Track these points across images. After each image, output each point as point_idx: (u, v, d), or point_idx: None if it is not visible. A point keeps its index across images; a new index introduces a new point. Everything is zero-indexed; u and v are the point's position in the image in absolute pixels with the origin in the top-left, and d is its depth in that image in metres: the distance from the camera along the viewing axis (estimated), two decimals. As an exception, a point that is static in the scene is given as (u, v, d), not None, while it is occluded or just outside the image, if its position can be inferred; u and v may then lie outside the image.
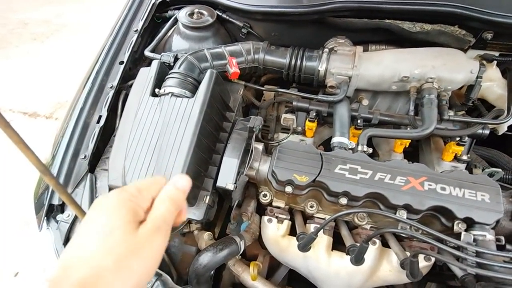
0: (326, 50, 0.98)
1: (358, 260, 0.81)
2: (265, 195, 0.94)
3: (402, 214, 0.75)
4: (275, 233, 0.94)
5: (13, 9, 4.01)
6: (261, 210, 1.04)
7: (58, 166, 0.91)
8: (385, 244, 0.89)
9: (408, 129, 0.90)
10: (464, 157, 0.91)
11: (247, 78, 1.22)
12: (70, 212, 0.88)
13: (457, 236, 0.71)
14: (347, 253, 0.85)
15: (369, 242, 0.82)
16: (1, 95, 3.05)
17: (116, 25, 1.15)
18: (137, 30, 1.13)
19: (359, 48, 0.97)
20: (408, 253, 0.82)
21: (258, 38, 1.18)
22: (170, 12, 1.22)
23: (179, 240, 1.15)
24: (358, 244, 0.85)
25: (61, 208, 0.90)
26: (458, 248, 0.67)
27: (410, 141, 0.94)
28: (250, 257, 1.12)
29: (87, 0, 4.00)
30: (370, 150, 0.85)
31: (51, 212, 0.89)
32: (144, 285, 0.38)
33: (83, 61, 1.12)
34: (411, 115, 0.88)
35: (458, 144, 0.88)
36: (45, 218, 0.88)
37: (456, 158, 0.92)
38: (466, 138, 0.86)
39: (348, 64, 0.95)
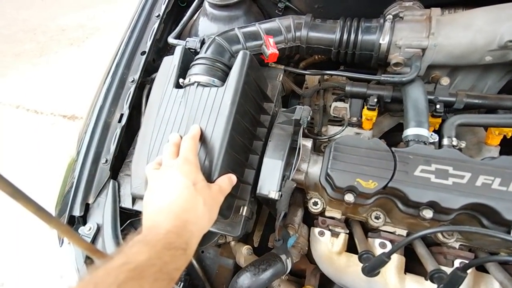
0: (390, 17, 0.76)
1: (449, 292, 0.60)
2: (315, 203, 0.76)
3: (522, 235, 0.52)
4: (328, 249, 0.76)
5: (51, 16, 4.19)
6: (308, 218, 0.86)
7: (78, 173, 0.81)
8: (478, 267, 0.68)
9: (514, 113, 0.66)
10: None
11: (285, 62, 1.04)
12: (91, 225, 0.78)
13: None
14: (430, 280, 0.64)
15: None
16: (43, 100, 3.18)
17: (136, 11, 1.02)
18: (159, 15, 0.99)
19: (436, 11, 0.74)
20: (519, 284, 0.60)
21: (298, 13, 0.99)
22: (195, -7, 1.07)
23: (214, 251, 1.01)
24: (444, 268, 0.64)
25: (83, 220, 0.80)
26: None
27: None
28: (297, 272, 0.95)
29: (117, 0, 4.05)
30: (463, 144, 0.63)
31: (72, 224, 0.79)
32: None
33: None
34: (519, 94, 0.64)
35: None
36: (66, 231, 0.79)
37: None
38: None
39: (421, 33, 0.72)
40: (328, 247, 0.76)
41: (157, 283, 0.39)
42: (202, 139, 0.66)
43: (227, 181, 0.63)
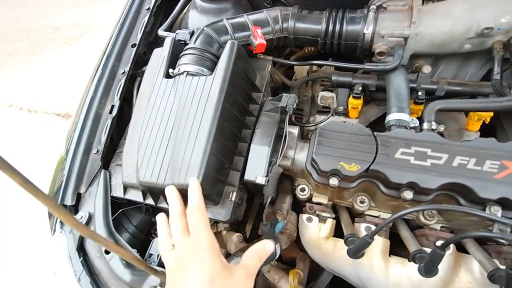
0: (373, 7, 0.79)
1: (430, 270, 0.62)
2: (303, 190, 0.78)
3: (496, 211, 0.55)
4: (316, 234, 0.78)
5: (45, 15, 4.17)
6: (297, 206, 0.88)
7: (69, 163, 0.82)
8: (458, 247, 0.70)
9: (491, 98, 0.68)
10: None
11: (275, 56, 1.06)
12: (83, 213, 0.79)
13: None
14: (413, 260, 0.67)
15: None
16: (37, 99, 3.17)
17: (126, 4, 1.03)
18: (149, 8, 1.01)
19: (417, 1, 0.76)
20: (497, 262, 0.63)
21: (286, 6, 1.00)
22: (185, -13, 1.08)
23: (206, 241, 1.03)
24: (426, 249, 0.67)
25: (75, 209, 0.81)
26: None
27: (492, 114, 0.72)
28: (287, 260, 0.97)
29: (111, 0, 4.04)
30: (442, 128, 0.65)
31: (64, 213, 0.80)
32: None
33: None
34: (497, 79, 0.67)
35: None
36: (58, 220, 0.80)
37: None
38: None
39: (403, 22, 0.75)
40: (316, 232, 0.78)
41: None
42: (191, 126, 0.68)
43: (257, 257, 0.54)
